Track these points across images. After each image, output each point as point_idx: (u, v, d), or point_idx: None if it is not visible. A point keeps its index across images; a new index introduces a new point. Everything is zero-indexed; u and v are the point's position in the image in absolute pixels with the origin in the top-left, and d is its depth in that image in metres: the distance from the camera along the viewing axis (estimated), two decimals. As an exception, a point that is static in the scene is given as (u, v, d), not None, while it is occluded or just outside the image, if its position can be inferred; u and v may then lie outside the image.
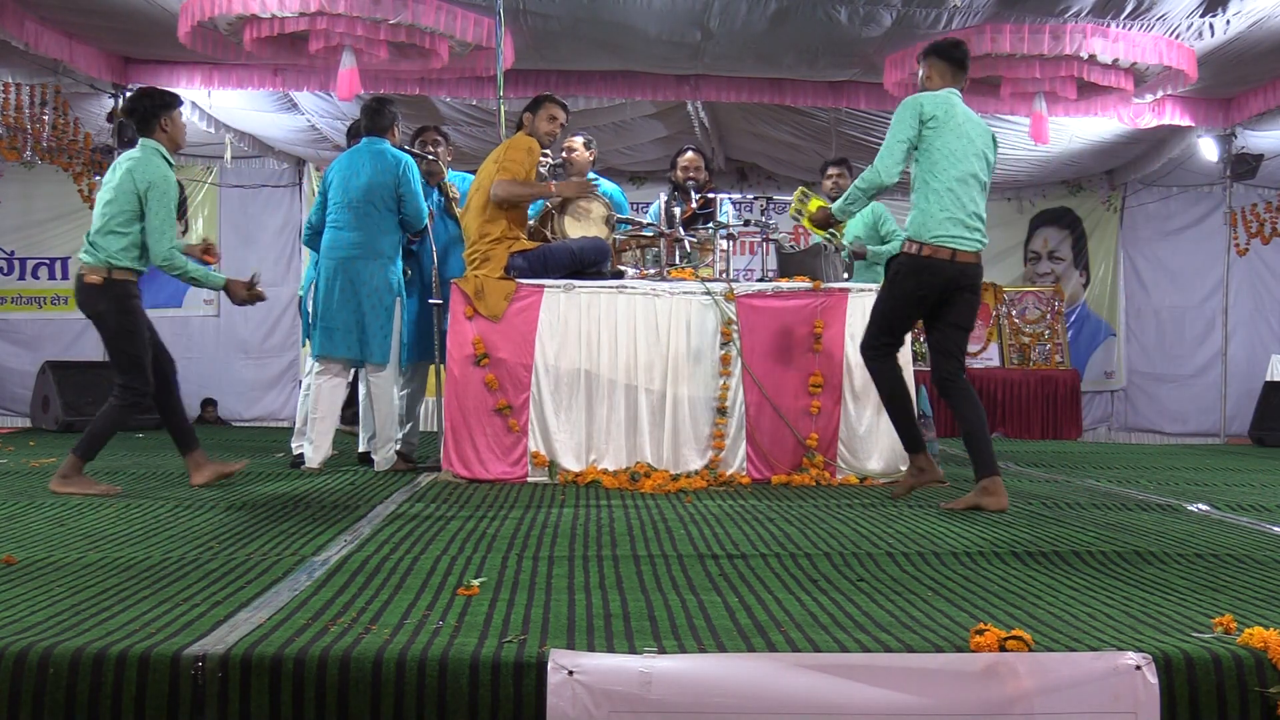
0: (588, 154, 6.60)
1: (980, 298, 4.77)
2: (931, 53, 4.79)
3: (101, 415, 4.88)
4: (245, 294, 5.01)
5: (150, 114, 4.94)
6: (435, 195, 6.26)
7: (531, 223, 5.88)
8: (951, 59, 4.74)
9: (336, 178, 5.81)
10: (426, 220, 5.89)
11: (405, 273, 6.02)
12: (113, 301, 4.86)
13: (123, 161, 4.96)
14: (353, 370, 5.95)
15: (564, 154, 6.58)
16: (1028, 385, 10.28)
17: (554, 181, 5.74)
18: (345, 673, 2.11)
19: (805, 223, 5.24)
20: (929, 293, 4.56)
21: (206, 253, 5.24)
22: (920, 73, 4.86)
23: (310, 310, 6.03)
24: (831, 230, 5.30)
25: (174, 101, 5.03)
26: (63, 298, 10.04)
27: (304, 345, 6.71)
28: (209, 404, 10.31)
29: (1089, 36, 6.89)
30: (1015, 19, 6.93)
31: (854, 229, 6.78)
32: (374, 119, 5.92)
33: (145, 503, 4.40)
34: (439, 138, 6.40)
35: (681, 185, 6.51)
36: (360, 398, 6.11)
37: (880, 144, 9.67)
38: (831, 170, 7.03)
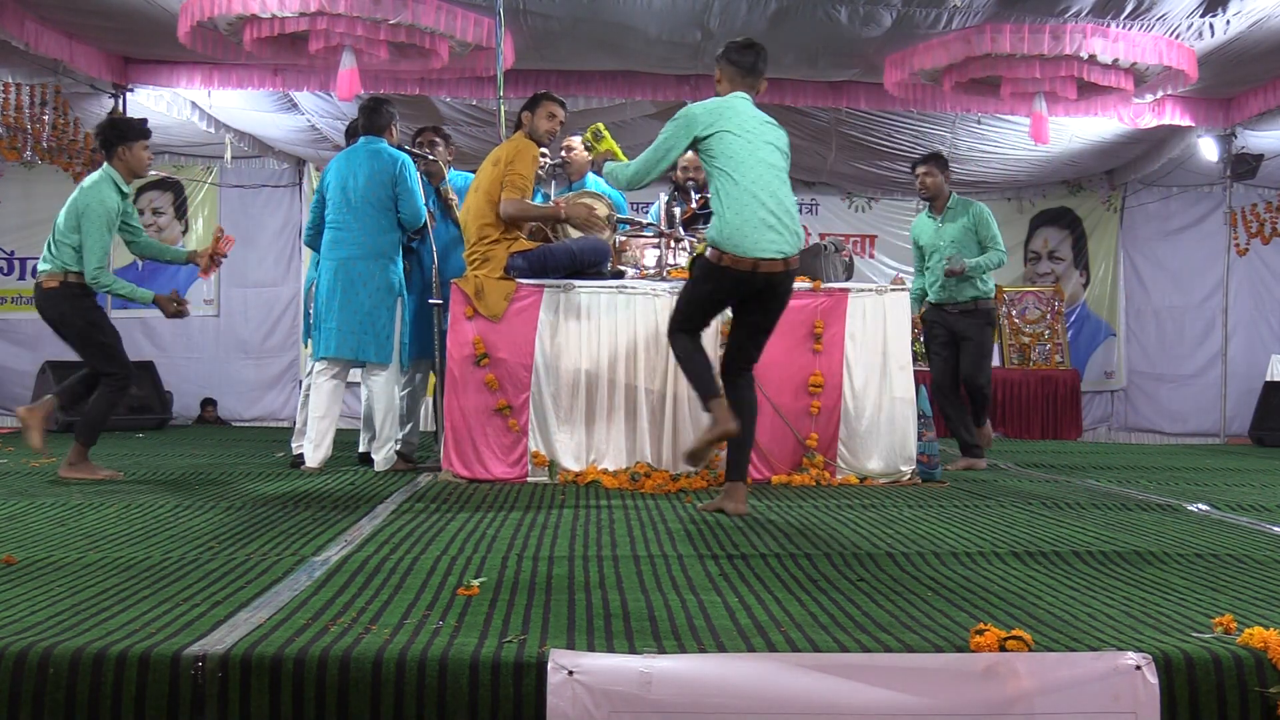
0: (587, 154, 6.59)
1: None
2: (720, 56, 4.47)
3: (95, 402, 5.26)
4: (173, 308, 5.48)
5: (110, 142, 5.40)
6: (435, 195, 6.26)
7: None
8: (737, 64, 4.40)
9: (335, 178, 5.81)
10: (425, 220, 5.90)
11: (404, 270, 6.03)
12: (71, 300, 5.26)
13: (84, 181, 5.45)
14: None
15: (563, 154, 6.58)
16: (1028, 385, 10.29)
17: (562, 204, 5.70)
18: (345, 673, 2.11)
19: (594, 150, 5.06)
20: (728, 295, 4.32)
21: (219, 241, 5.63)
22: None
23: (311, 310, 6.04)
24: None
25: (134, 135, 5.39)
26: (63, 298, 10.03)
27: (304, 345, 6.71)
28: (209, 404, 10.31)
29: (1089, 36, 6.89)
30: (1015, 19, 6.93)
31: (951, 235, 6.47)
32: (371, 118, 5.92)
33: (145, 503, 4.40)
34: (437, 138, 6.39)
35: (681, 185, 6.51)
36: (363, 399, 6.11)
37: (880, 144, 9.64)
38: (920, 169, 6.56)
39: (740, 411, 4.33)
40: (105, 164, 5.38)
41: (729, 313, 4.60)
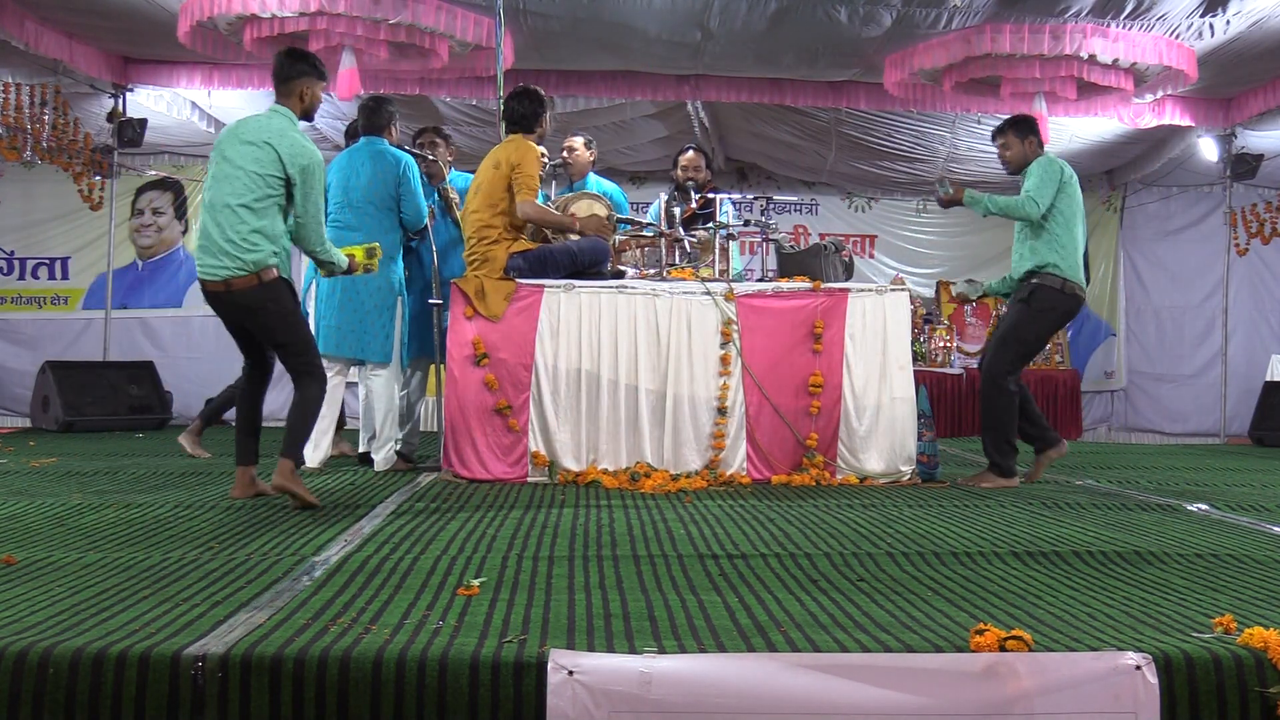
0: (588, 154, 6.60)
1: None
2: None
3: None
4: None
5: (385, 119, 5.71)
6: (436, 195, 6.26)
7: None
8: (274, 72, 4.42)
9: (336, 177, 5.81)
10: (426, 220, 5.90)
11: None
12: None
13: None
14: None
15: (564, 154, 6.57)
16: (1028, 385, 10.28)
17: (579, 218, 5.69)
18: (345, 673, 2.11)
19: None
20: None
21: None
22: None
23: (311, 310, 6.04)
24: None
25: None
26: (63, 298, 10.04)
27: None
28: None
29: (1089, 36, 6.89)
30: (1015, 19, 6.93)
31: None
32: (371, 118, 5.92)
33: (145, 503, 4.40)
34: (438, 139, 6.39)
35: (681, 185, 6.51)
36: (360, 398, 6.11)
37: (880, 144, 9.66)
38: (997, 141, 5.80)
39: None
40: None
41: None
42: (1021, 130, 5.65)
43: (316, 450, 5.73)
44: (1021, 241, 5.57)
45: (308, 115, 4.60)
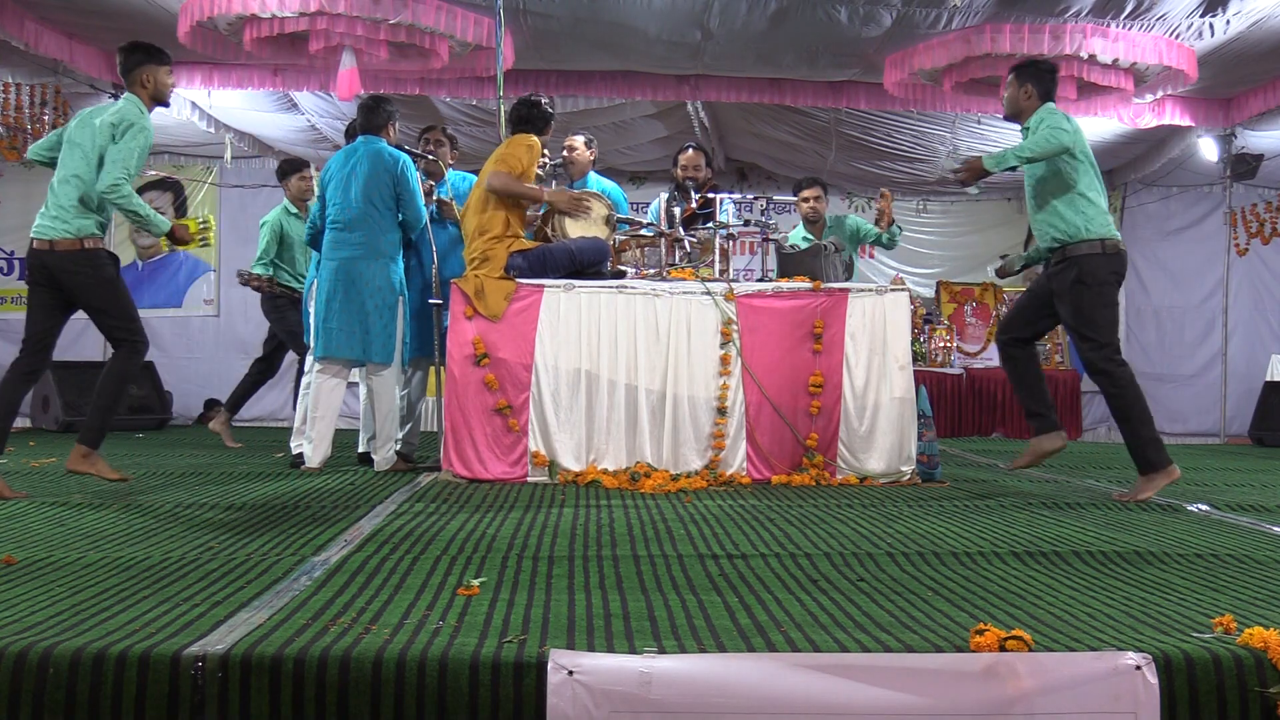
0: (588, 153, 6.60)
1: None
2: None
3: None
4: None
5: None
6: (435, 207, 6.25)
7: (535, 223, 5.89)
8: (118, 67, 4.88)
9: (335, 177, 5.81)
10: (426, 221, 5.90)
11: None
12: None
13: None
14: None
15: (564, 153, 6.57)
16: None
17: (547, 189, 5.74)
18: (345, 673, 2.11)
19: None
20: None
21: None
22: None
23: (311, 310, 6.04)
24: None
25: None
26: (63, 298, 10.03)
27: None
28: (214, 404, 10.30)
29: (1089, 36, 6.89)
30: (1015, 19, 6.93)
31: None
32: (369, 117, 5.92)
33: (145, 503, 4.40)
34: (443, 139, 6.39)
35: (681, 184, 6.51)
36: (361, 398, 6.11)
37: (880, 144, 9.65)
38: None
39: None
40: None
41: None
42: (1022, 75, 5.16)
43: (317, 451, 5.73)
44: (1040, 208, 5.05)
45: (159, 100, 4.99)
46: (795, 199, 7.05)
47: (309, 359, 6.09)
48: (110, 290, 4.78)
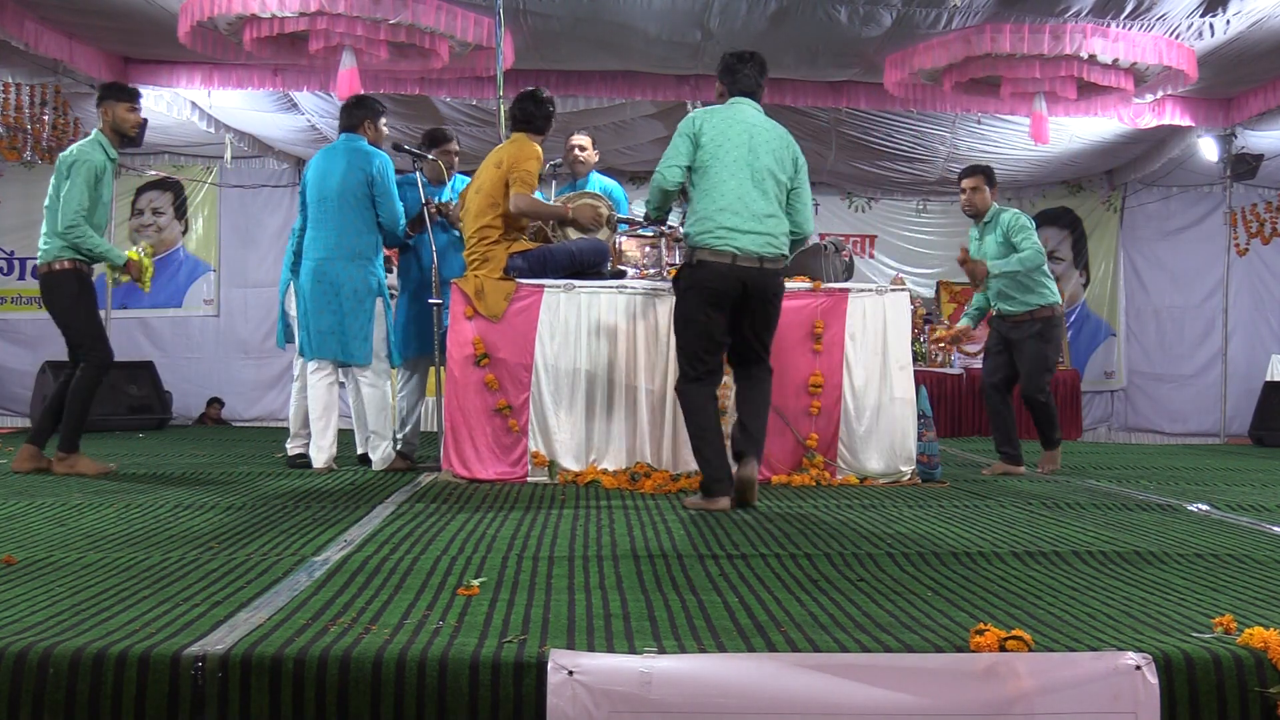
0: (595, 153, 6.61)
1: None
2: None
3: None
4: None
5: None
6: (442, 194, 6.23)
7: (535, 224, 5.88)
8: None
9: (313, 177, 5.80)
10: (404, 225, 5.81)
11: (391, 267, 5.97)
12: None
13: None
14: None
15: (574, 151, 6.56)
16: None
17: (570, 205, 5.70)
18: (345, 673, 2.11)
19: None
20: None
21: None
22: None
23: (288, 311, 6.02)
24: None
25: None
26: (63, 298, 10.03)
27: (281, 347, 6.66)
28: (215, 403, 10.31)
29: (1089, 36, 6.89)
30: (1015, 19, 6.93)
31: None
32: (348, 115, 5.93)
33: (145, 503, 4.40)
34: (450, 149, 6.32)
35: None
36: (350, 400, 6.07)
37: (880, 144, 9.65)
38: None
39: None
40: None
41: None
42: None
43: (322, 452, 5.73)
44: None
45: (120, 132, 5.54)
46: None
47: (297, 362, 6.07)
48: (70, 309, 5.37)
